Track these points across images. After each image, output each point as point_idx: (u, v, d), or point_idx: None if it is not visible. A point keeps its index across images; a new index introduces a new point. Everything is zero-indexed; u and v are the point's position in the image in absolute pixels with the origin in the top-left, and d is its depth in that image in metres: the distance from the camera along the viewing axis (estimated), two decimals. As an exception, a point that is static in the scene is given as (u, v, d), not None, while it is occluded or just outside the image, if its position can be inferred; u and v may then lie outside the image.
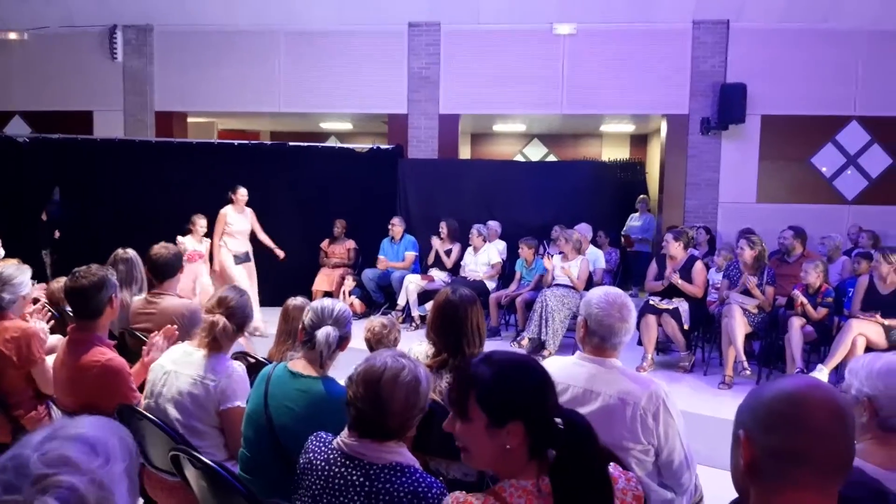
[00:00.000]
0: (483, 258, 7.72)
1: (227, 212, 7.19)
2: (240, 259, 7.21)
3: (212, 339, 2.58)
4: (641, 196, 10.36)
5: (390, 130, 10.28)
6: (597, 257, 7.44)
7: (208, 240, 7.21)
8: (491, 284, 7.58)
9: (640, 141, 13.67)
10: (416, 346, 2.76)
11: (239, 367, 2.60)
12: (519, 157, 13.90)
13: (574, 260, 6.81)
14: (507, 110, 10.14)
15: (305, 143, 9.69)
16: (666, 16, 9.15)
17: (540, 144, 14.06)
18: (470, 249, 7.82)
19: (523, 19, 9.35)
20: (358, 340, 3.16)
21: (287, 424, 2.22)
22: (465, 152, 13.12)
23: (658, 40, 9.28)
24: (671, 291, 6.13)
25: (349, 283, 8.05)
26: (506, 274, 7.80)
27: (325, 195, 8.73)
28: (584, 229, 7.64)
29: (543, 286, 6.84)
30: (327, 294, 7.99)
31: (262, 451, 2.26)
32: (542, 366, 1.56)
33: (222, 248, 7.15)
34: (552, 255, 7.08)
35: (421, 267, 8.13)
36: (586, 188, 9.13)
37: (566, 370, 2.39)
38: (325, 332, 2.32)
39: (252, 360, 3.32)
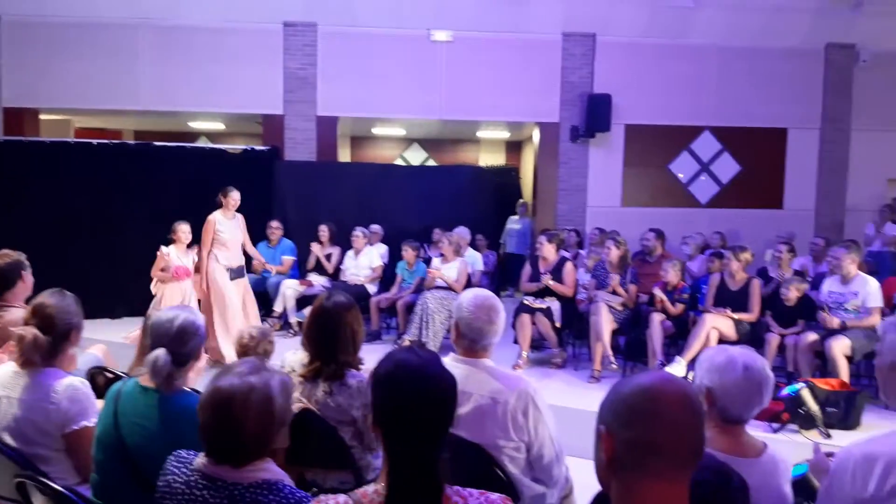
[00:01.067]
0: (364, 261, 7.67)
1: (217, 217, 6.11)
2: (233, 274, 6.10)
3: (24, 357, 2.34)
4: (521, 200, 10.71)
5: (265, 131, 9.99)
6: (475, 260, 7.60)
7: (193, 250, 6.14)
8: (372, 288, 7.54)
9: (515, 147, 14.12)
10: (289, 354, 2.68)
11: (81, 384, 2.38)
12: (399, 161, 13.95)
13: (453, 262, 6.93)
14: (386, 114, 10.14)
15: (173, 144, 9.21)
16: (537, 27, 9.51)
17: (420, 149, 14.18)
18: (350, 253, 7.75)
19: (400, 24, 9.39)
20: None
21: (141, 444, 2.07)
22: (344, 155, 12.99)
23: (531, 50, 9.62)
24: (544, 292, 6.38)
25: (222, 290, 7.70)
26: (386, 278, 7.78)
27: (194, 198, 8.25)
28: (462, 232, 7.78)
29: (424, 289, 6.90)
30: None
31: (114, 474, 2.09)
32: (423, 376, 1.48)
33: (212, 261, 6.03)
34: (430, 258, 7.16)
35: (300, 272, 7.95)
36: (465, 192, 9.30)
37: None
38: (153, 358, 2.11)
39: (110, 376, 3.10)
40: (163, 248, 6.02)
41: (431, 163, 14.07)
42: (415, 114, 9.98)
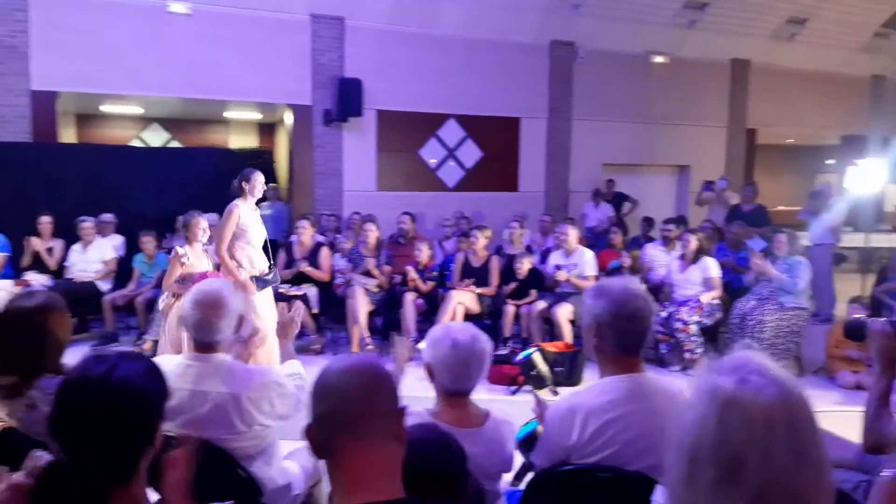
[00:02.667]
0: (94, 255, 6.88)
1: (241, 209, 4.75)
2: (266, 280, 4.76)
3: None
4: (270, 185, 10.37)
5: (-37, 107, 8.45)
6: (226, 248, 7.20)
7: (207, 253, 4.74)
8: (105, 285, 6.79)
9: (268, 130, 13.64)
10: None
11: None
12: (136, 143, 12.71)
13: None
14: (116, 90, 9.16)
15: None
16: (284, 6, 9.23)
17: (161, 129, 13.04)
18: (77, 247, 6.89)
19: (130, -8, 8.52)
20: None
21: None
22: (68, 135, 11.47)
23: (279, 29, 9.31)
24: (300, 278, 6.28)
25: None
26: (122, 272, 7.06)
27: None
28: (212, 219, 7.33)
29: (167, 282, 6.40)
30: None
31: None
32: (94, 386, 1.33)
33: (241, 265, 4.66)
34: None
35: (14, 270, 6.89)
36: (213, 176, 8.74)
37: (174, 372, 2.24)
38: None
39: None
40: (178, 248, 4.66)
41: (175, 144, 13.03)
42: (151, 91, 9.16)
